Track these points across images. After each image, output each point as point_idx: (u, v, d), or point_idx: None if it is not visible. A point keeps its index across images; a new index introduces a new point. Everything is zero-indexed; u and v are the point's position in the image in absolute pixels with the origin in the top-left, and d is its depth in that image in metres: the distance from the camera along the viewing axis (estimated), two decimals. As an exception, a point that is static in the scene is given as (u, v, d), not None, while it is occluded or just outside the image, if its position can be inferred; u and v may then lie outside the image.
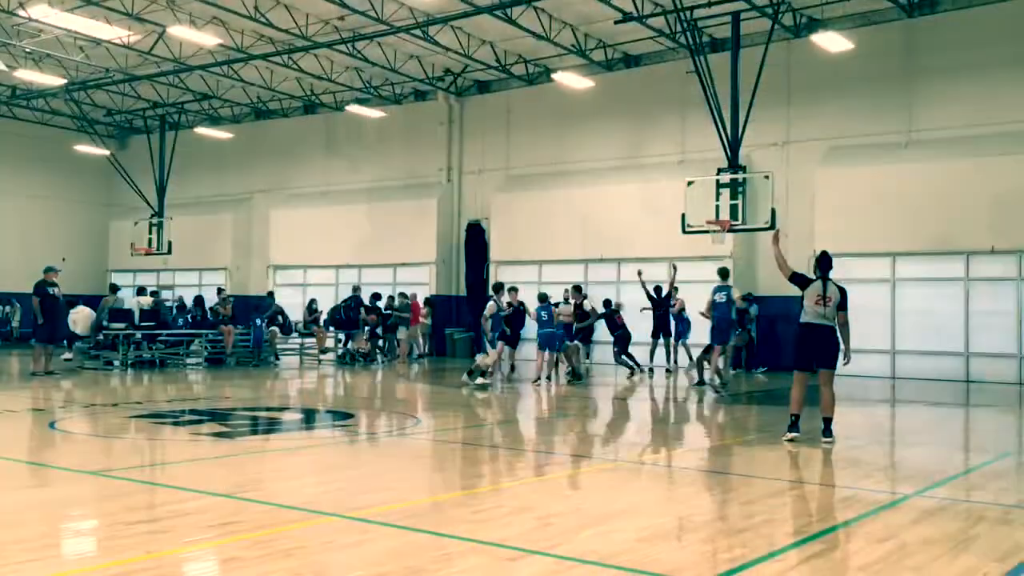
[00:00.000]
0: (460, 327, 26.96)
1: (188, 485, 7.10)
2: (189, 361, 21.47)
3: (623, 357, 19.47)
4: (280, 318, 23.09)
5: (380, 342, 24.01)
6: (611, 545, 5.40)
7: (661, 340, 20.18)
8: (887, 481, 8.08)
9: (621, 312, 20.06)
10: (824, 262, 9.99)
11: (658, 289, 19.69)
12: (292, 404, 14.65)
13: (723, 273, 16.11)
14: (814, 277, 9.95)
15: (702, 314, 16.98)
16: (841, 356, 9.76)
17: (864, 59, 20.78)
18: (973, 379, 19.31)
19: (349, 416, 12.58)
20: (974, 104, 20.06)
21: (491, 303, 17.20)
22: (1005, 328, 19.23)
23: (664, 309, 19.61)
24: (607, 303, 20.41)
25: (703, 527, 6.07)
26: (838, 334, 9.79)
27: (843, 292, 9.84)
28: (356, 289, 24.24)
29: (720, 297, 15.81)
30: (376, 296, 24.33)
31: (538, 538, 5.52)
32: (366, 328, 23.54)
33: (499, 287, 17.78)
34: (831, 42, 19.51)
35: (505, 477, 8.14)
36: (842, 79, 21.51)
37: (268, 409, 13.40)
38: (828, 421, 9.73)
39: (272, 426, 11.64)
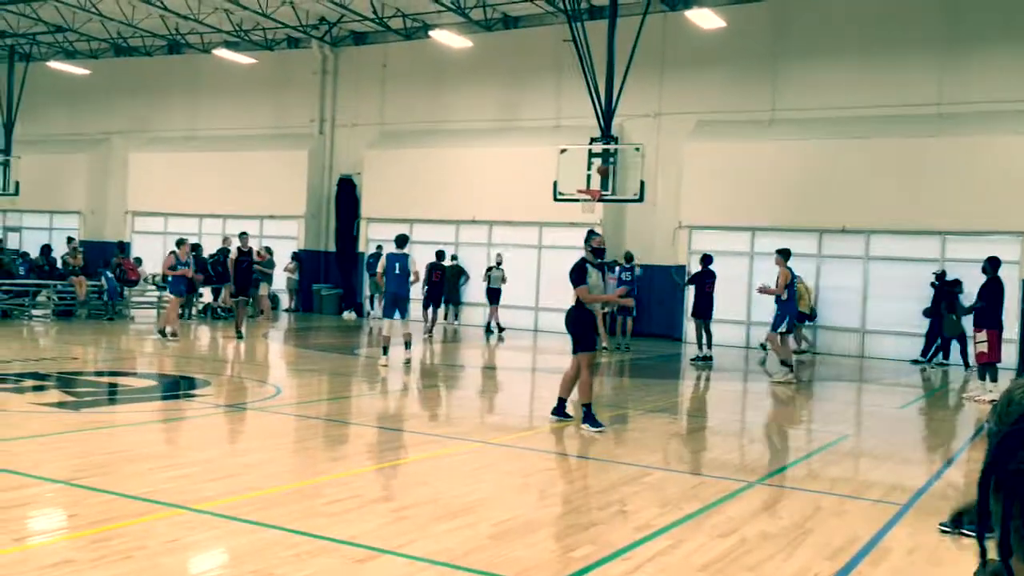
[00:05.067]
0: (328, 283, 26.52)
1: (24, 469, 6.71)
2: (36, 313, 20.35)
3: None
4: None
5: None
6: (465, 543, 5.41)
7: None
8: (732, 468, 8.42)
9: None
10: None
11: None
12: (145, 368, 14.08)
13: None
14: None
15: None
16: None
17: (734, 37, 21.25)
18: (819, 351, 20.33)
19: (206, 384, 12.18)
20: (831, 88, 20.88)
21: None
22: (851, 304, 20.29)
23: None
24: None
25: (557, 521, 6.16)
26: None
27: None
28: (225, 241, 23.32)
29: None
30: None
31: (392, 535, 5.49)
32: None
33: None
34: (704, 18, 19.87)
35: (364, 459, 8.05)
36: (713, 55, 21.96)
37: (118, 374, 12.84)
38: (589, 407, 9.29)
39: (122, 394, 11.15)
